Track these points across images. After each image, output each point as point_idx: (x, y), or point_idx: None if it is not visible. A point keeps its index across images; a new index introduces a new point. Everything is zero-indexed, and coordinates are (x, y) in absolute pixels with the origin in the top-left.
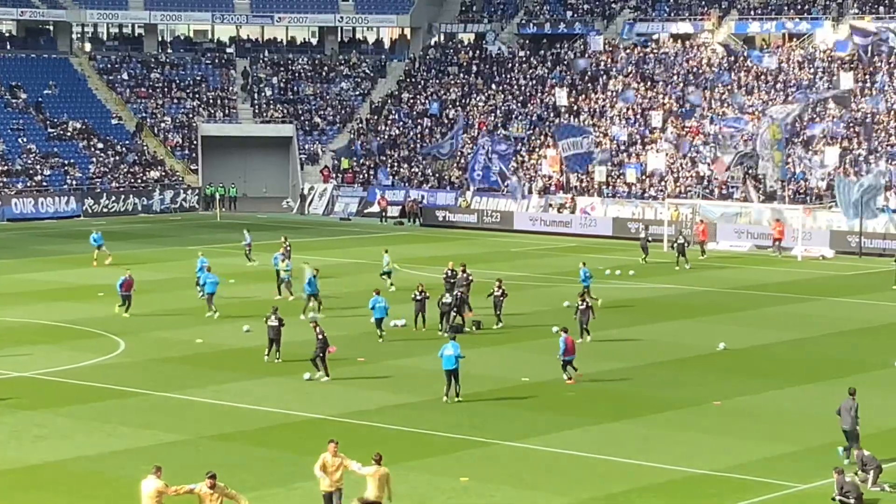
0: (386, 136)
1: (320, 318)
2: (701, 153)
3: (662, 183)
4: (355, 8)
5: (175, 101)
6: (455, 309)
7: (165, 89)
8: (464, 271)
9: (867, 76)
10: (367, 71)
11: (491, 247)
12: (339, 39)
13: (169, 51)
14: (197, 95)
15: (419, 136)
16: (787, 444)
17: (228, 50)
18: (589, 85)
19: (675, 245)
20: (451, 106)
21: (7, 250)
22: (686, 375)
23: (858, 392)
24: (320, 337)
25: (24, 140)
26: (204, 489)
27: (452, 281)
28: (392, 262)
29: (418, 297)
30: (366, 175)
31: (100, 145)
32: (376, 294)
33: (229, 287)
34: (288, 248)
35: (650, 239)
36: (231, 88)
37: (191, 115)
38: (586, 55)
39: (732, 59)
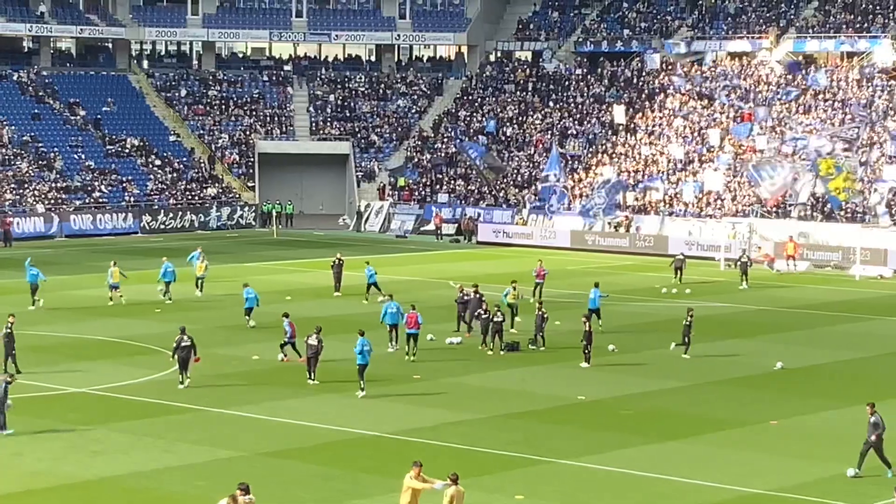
0: (443, 154)
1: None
2: (758, 172)
3: (720, 201)
4: (412, 26)
5: (232, 118)
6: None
7: (223, 106)
8: (476, 292)
9: None
10: (424, 88)
11: (546, 265)
12: (395, 57)
13: (226, 68)
14: (254, 112)
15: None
16: (845, 464)
17: (286, 67)
18: (646, 103)
19: (739, 264)
20: (507, 124)
21: (65, 266)
22: (743, 394)
23: None
24: None
25: (83, 157)
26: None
27: (466, 299)
28: (117, 272)
29: (483, 315)
30: (422, 193)
31: (157, 162)
32: (245, 287)
33: (284, 304)
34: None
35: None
36: (288, 106)
37: (248, 133)
38: (643, 73)
39: (791, 76)
